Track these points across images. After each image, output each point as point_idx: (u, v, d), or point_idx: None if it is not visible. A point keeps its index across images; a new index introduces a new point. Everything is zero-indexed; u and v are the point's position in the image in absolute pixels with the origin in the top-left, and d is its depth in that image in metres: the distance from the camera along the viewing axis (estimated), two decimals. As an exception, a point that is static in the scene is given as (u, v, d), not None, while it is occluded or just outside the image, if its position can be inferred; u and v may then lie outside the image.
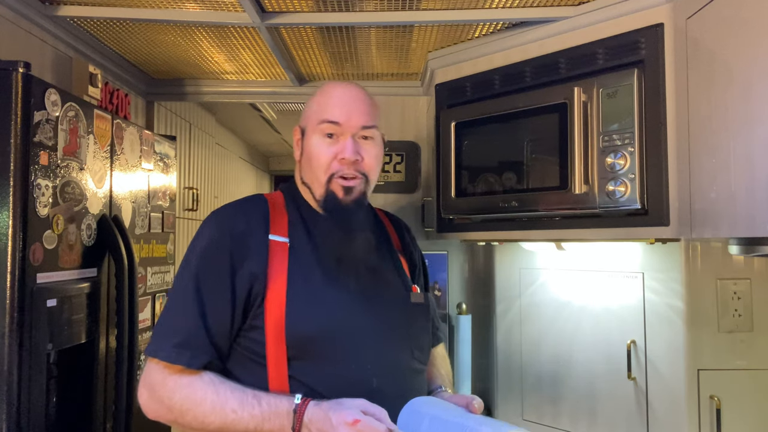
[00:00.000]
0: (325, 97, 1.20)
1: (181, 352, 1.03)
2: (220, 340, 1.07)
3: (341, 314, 1.11)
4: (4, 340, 1.29)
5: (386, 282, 1.21)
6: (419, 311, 1.22)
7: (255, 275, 1.07)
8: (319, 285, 1.11)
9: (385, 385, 1.09)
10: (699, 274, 1.50)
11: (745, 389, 1.46)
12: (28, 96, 1.34)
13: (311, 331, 1.06)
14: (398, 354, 1.15)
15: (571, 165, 1.45)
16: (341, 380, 1.06)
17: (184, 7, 1.67)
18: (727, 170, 1.15)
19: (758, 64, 1.08)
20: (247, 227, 1.12)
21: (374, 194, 2.32)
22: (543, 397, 1.83)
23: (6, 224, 1.30)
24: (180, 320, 1.07)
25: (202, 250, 1.11)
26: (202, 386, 1.02)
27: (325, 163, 1.15)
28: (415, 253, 1.37)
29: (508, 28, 1.74)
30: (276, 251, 1.11)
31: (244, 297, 1.07)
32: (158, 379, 1.05)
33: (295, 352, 1.05)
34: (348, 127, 1.16)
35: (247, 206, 1.18)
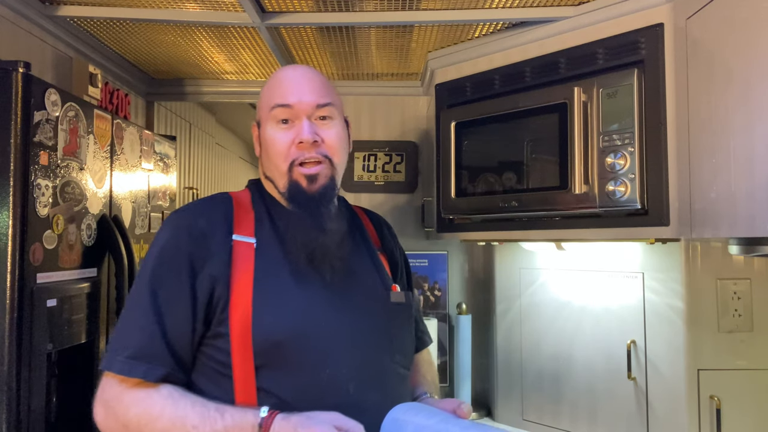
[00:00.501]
0: (273, 82, 1.13)
1: (136, 364, 0.95)
2: (181, 350, 0.98)
3: (312, 316, 1.02)
4: (4, 340, 1.29)
5: (363, 281, 1.13)
6: (400, 312, 1.13)
7: (216, 278, 0.99)
8: (288, 286, 1.03)
9: (364, 393, 1.01)
10: (699, 274, 1.50)
11: (745, 389, 1.46)
12: (28, 96, 1.34)
13: (279, 335, 0.98)
14: (377, 358, 1.06)
15: (571, 165, 1.45)
16: (314, 389, 0.98)
17: (184, 7, 1.67)
18: (727, 170, 1.15)
19: (758, 64, 1.08)
20: (208, 227, 1.04)
21: (374, 194, 2.35)
22: (543, 397, 1.83)
23: (6, 224, 1.30)
24: (134, 329, 0.98)
25: (158, 252, 1.02)
26: (159, 400, 0.94)
27: (283, 151, 1.07)
28: (396, 251, 1.29)
29: (508, 28, 1.74)
30: (240, 252, 1.03)
31: (205, 302, 0.99)
32: (113, 394, 0.96)
33: (262, 360, 0.97)
34: (301, 109, 1.07)
35: (209, 205, 1.10)
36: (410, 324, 1.17)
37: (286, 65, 1.19)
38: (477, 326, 2.14)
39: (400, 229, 2.28)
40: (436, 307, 2.26)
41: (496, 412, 1.97)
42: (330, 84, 1.15)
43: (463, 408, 1.00)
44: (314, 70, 1.15)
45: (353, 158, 2.35)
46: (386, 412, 0.96)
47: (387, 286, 1.15)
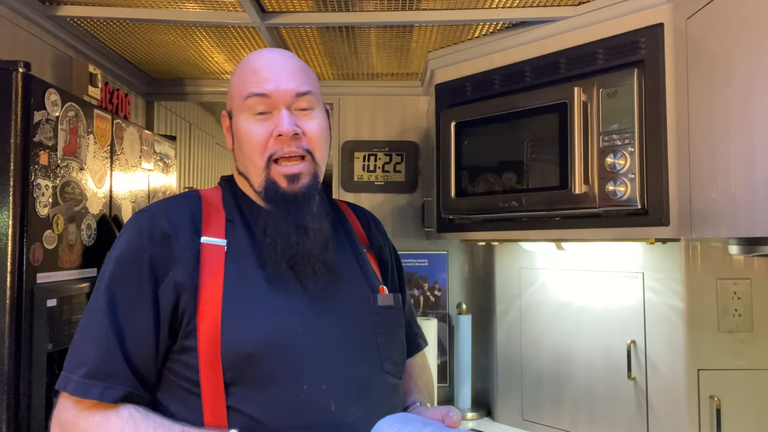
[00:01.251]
0: (246, 68, 1.01)
1: (92, 384, 0.85)
2: (143, 367, 0.89)
3: (288, 326, 0.92)
4: (4, 340, 1.29)
5: (348, 284, 1.03)
6: (388, 316, 1.04)
7: (181, 286, 0.89)
8: (261, 293, 0.93)
9: (347, 410, 0.92)
10: (699, 274, 1.50)
11: (745, 389, 1.46)
12: (28, 96, 1.34)
13: (250, 348, 0.88)
14: (364, 370, 0.97)
15: (571, 165, 1.45)
16: (290, 408, 0.88)
17: (184, 7, 1.67)
18: (727, 170, 1.15)
19: (758, 64, 1.08)
20: (171, 228, 0.93)
21: (374, 194, 2.35)
22: (543, 397, 1.83)
23: (6, 224, 1.30)
24: (90, 344, 0.88)
25: (117, 257, 0.92)
26: (119, 424, 0.85)
27: (260, 145, 0.97)
28: (385, 248, 1.19)
29: (508, 28, 1.74)
30: (209, 256, 0.93)
31: (170, 313, 0.90)
32: (69, 418, 0.88)
33: (232, 375, 0.87)
34: (279, 98, 0.97)
35: (174, 204, 0.99)
36: (400, 328, 1.08)
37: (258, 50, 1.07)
38: (477, 326, 2.14)
39: (400, 229, 2.31)
40: (436, 307, 2.26)
41: (496, 412, 1.98)
42: (309, 69, 1.05)
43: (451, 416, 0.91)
44: (292, 54, 1.05)
45: (353, 158, 2.35)
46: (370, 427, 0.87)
47: (374, 289, 1.06)
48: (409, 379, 1.17)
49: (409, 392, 1.14)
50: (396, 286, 1.21)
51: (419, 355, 1.25)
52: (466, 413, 2.02)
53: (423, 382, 1.19)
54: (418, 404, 1.08)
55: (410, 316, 1.24)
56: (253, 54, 1.04)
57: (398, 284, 1.22)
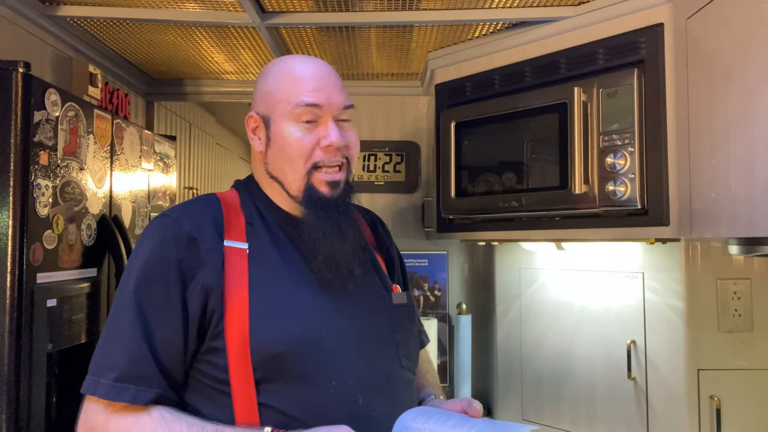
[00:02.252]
0: (293, 77, 1.03)
1: (123, 387, 0.87)
2: (172, 369, 0.91)
3: (315, 324, 0.96)
4: (4, 340, 1.29)
5: (365, 284, 1.06)
6: (403, 313, 1.08)
7: (209, 288, 0.92)
8: (287, 293, 0.96)
9: (373, 403, 0.95)
10: (699, 274, 1.50)
11: (745, 389, 1.46)
12: (28, 96, 1.34)
13: (281, 347, 0.91)
14: (385, 365, 1.01)
15: (571, 165, 1.45)
16: (321, 402, 0.92)
17: (184, 7, 1.67)
18: (727, 170, 1.15)
19: (758, 64, 1.08)
20: (197, 232, 0.95)
21: (375, 194, 2.35)
22: (543, 397, 1.83)
23: (6, 224, 1.30)
24: (120, 348, 0.90)
25: (144, 262, 0.93)
26: (151, 425, 0.86)
27: (306, 153, 0.99)
28: (391, 249, 1.23)
29: (508, 28, 1.74)
30: (233, 259, 0.95)
31: (198, 315, 0.92)
32: (99, 421, 0.89)
33: (263, 374, 0.90)
34: (329, 109, 1.01)
35: (196, 208, 1.01)
36: (414, 325, 1.13)
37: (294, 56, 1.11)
38: (477, 326, 2.14)
39: (400, 229, 2.31)
40: (436, 307, 2.26)
41: (496, 412, 1.97)
42: None
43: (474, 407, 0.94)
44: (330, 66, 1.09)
45: (353, 158, 2.35)
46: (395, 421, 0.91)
47: (388, 288, 1.10)
48: (419, 374, 1.19)
49: (422, 386, 1.17)
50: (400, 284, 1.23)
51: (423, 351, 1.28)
52: (466, 413, 2.02)
53: (432, 377, 1.24)
54: (433, 397, 1.12)
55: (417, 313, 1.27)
56: (298, 61, 1.06)
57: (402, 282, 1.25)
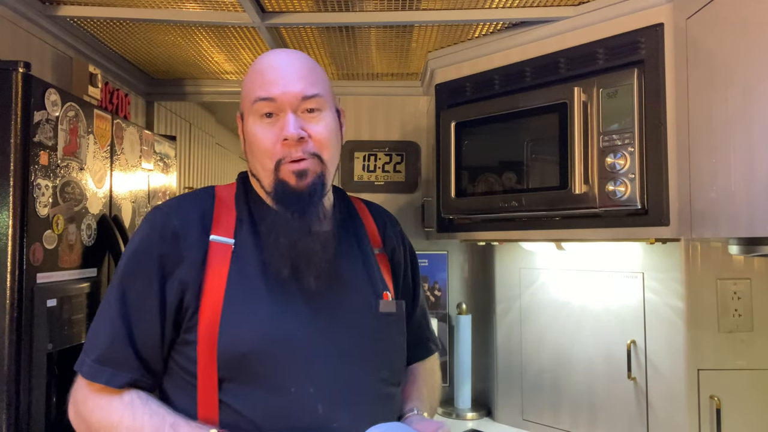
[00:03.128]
0: (255, 70, 1.01)
1: (100, 369, 0.92)
2: (149, 355, 0.94)
3: (282, 328, 0.94)
4: (4, 340, 1.29)
5: (351, 288, 1.04)
6: (390, 323, 1.04)
7: (186, 283, 0.93)
8: (261, 293, 0.95)
9: (335, 413, 0.93)
10: (699, 274, 1.50)
11: (745, 389, 1.46)
12: (28, 96, 1.34)
13: (244, 347, 0.91)
14: (356, 375, 0.98)
15: (571, 165, 1.45)
16: (278, 407, 0.91)
17: (184, 7, 1.67)
18: (727, 170, 1.15)
19: (758, 64, 1.07)
20: (180, 227, 0.96)
21: (374, 194, 2.35)
22: (543, 397, 1.83)
23: (6, 224, 1.30)
24: (103, 332, 0.94)
25: (131, 253, 0.97)
26: (120, 408, 0.91)
27: (268, 149, 0.97)
28: (399, 250, 1.19)
29: (508, 28, 1.74)
30: (216, 254, 0.95)
31: (175, 307, 0.94)
32: (80, 397, 0.95)
33: (226, 372, 0.91)
34: (285, 101, 0.97)
35: (187, 202, 1.02)
36: (401, 335, 1.08)
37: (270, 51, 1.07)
38: (477, 326, 2.14)
39: (400, 229, 2.30)
40: (436, 307, 2.26)
41: (496, 412, 1.97)
42: (320, 70, 1.05)
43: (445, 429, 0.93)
44: (301, 54, 1.04)
45: (353, 158, 2.35)
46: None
47: (378, 294, 1.05)
48: (413, 384, 1.16)
49: (409, 398, 1.13)
50: (409, 288, 1.20)
51: (430, 360, 1.24)
52: (466, 413, 2.02)
53: (428, 389, 1.18)
54: (415, 412, 1.07)
55: (422, 318, 1.23)
56: (263, 55, 1.04)
57: (412, 286, 1.22)
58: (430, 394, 1.18)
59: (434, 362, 1.26)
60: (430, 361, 1.24)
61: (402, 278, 1.19)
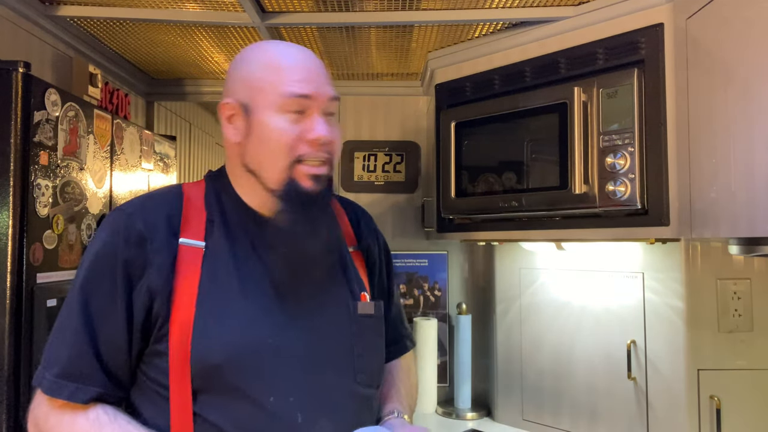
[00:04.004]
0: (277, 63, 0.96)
1: (63, 384, 0.85)
2: (115, 368, 0.89)
3: (259, 336, 0.90)
4: (4, 340, 1.29)
5: (328, 290, 1.01)
6: (368, 325, 1.02)
7: (154, 290, 0.88)
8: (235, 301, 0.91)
9: (315, 421, 0.91)
10: (699, 274, 1.50)
11: (745, 389, 1.46)
12: (28, 96, 1.34)
13: (217, 358, 0.87)
14: (335, 381, 0.96)
15: (571, 165, 1.45)
16: (257, 418, 0.87)
17: (184, 7, 1.67)
18: (727, 170, 1.15)
19: (758, 64, 1.07)
20: (146, 230, 0.90)
21: (374, 194, 2.35)
22: (543, 397, 1.83)
23: (6, 224, 1.30)
24: (63, 344, 0.88)
25: (94, 257, 0.90)
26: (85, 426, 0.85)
27: (289, 145, 0.93)
28: (374, 248, 1.15)
29: (508, 28, 1.74)
30: (186, 259, 0.90)
31: (143, 316, 0.88)
32: (41, 414, 0.88)
33: (201, 383, 0.87)
34: (318, 101, 0.94)
35: (153, 202, 0.96)
36: (380, 338, 1.06)
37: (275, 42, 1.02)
38: (477, 326, 2.14)
39: (400, 229, 2.31)
40: (436, 307, 2.26)
41: (496, 412, 1.97)
42: None
43: None
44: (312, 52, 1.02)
45: (353, 158, 2.35)
46: None
47: (355, 296, 1.03)
48: (391, 384, 1.14)
49: (388, 400, 1.11)
50: (384, 286, 1.18)
51: (406, 357, 1.22)
52: (466, 413, 2.02)
53: (405, 388, 1.16)
54: (395, 415, 1.06)
55: (398, 315, 1.21)
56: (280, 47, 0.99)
57: (386, 283, 1.19)
58: (408, 394, 1.17)
59: (410, 359, 1.24)
60: (406, 358, 1.22)
61: (377, 276, 1.16)
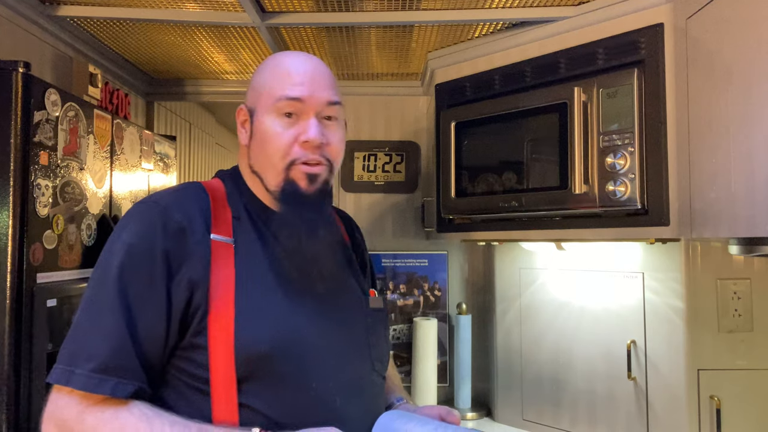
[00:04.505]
0: (281, 69, 1.01)
1: (103, 379, 0.82)
2: (152, 362, 0.87)
3: (298, 326, 0.94)
4: (4, 340, 1.29)
5: (344, 286, 1.07)
6: (378, 318, 1.08)
7: (195, 282, 0.88)
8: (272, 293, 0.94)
9: (349, 404, 0.95)
10: (699, 274, 1.50)
11: (745, 389, 1.46)
12: (28, 96, 1.34)
13: (265, 348, 0.89)
14: (359, 367, 1.01)
15: (571, 165, 1.45)
16: (301, 403, 0.90)
17: (184, 7, 1.67)
18: (727, 170, 1.15)
19: (758, 64, 1.08)
20: (186, 222, 0.92)
21: (374, 194, 2.35)
22: (543, 397, 1.83)
23: (6, 224, 1.30)
24: (99, 337, 0.84)
25: (128, 248, 0.89)
26: (132, 421, 0.82)
27: (284, 148, 0.96)
28: (365, 253, 1.24)
29: (508, 28, 1.74)
30: (219, 254, 0.92)
31: (182, 309, 0.88)
32: (72, 415, 0.83)
33: (246, 374, 0.87)
34: (312, 104, 0.98)
35: (184, 196, 0.97)
36: (387, 329, 1.14)
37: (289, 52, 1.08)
38: (477, 326, 2.14)
39: (400, 229, 2.31)
40: (436, 307, 2.26)
41: (496, 412, 1.97)
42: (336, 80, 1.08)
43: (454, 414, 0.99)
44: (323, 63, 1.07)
45: (353, 158, 2.35)
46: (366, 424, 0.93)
47: (365, 291, 1.10)
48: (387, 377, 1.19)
49: (391, 389, 1.19)
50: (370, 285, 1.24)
51: None
52: (466, 413, 2.02)
53: (397, 381, 1.25)
54: (404, 401, 1.14)
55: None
56: (288, 56, 1.05)
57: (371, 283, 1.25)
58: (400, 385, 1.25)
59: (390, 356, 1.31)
60: None
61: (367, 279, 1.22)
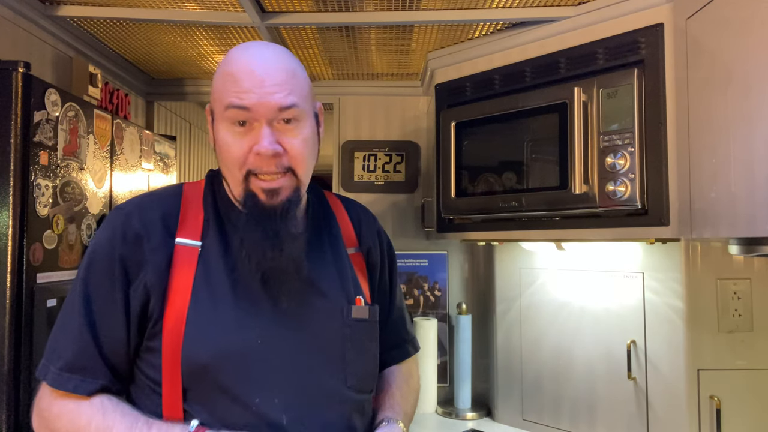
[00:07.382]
0: (228, 71, 0.92)
1: (68, 377, 0.89)
2: (117, 362, 0.92)
3: (248, 337, 0.91)
4: (4, 340, 1.29)
5: (321, 294, 0.99)
6: (362, 329, 1.01)
7: (151, 288, 0.90)
8: (226, 301, 0.91)
9: (300, 424, 0.91)
10: (699, 274, 1.50)
11: (745, 389, 1.46)
12: (28, 96, 1.34)
13: (205, 358, 0.88)
14: (325, 383, 0.96)
15: (571, 165, 1.45)
16: (243, 418, 0.89)
17: (184, 7, 1.67)
18: (727, 170, 1.15)
19: (758, 64, 1.07)
20: (143, 229, 0.92)
21: (374, 194, 2.35)
22: (543, 397, 1.83)
23: (6, 224, 1.30)
24: (67, 338, 0.91)
25: (94, 254, 0.93)
26: (88, 411, 0.88)
27: (238, 159, 0.91)
28: (375, 249, 1.13)
29: (508, 28, 1.74)
30: (182, 258, 0.91)
31: (138, 312, 0.90)
32: (45, 404, 0.91)
33: (190, 383, 0.89)
34: (261, 112, 0.89)
35: (150, 203, 0.97)
36: (373, 341, 1.05)
37: (242, 45, 0.96)
38: (477, 326, 2.14)
39: (400, 229, 2.31)
40: (436, 307, 2.26)
41: (496, 412, 1.97)
42: (298, 72, 0.95)
43: None
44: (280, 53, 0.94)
45: (353, 158, 2.35)
46: None
47: (350, 299, 1.02)
48: (387, 391, 1.12)
49: (382, 407, 1.09)
50: (386, 288, 1.16)
51: (408, 362, 1.20)
52: (466, 413, 2.02)
53: (401, 394, 1.13)
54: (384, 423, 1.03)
55: (400, 320, 1.19)
56: (237, 52, 0.94)
57: (389, 287, 1.17)
58: (405, 401, 1.13)
59: (412, 365, 1.22)
60: (407, 363, 1.20)
61: (378, 279, 1.14)
